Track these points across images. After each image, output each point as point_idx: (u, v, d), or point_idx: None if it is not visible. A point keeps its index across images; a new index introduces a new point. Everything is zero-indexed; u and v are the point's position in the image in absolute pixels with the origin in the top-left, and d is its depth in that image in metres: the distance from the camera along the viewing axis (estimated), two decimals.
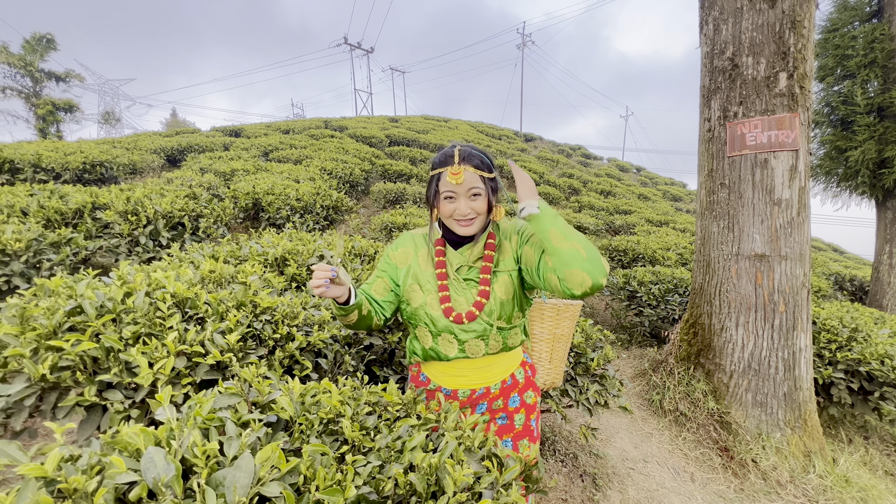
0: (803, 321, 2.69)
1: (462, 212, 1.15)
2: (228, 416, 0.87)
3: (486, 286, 1.18)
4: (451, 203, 1.16)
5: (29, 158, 5.03)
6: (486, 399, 1.28)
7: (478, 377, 1.26)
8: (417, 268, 1.26)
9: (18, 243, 2.34)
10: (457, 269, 1.23)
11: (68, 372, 1.12)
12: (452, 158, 1.14)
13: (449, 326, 1.20)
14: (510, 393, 1.29)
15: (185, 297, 1.43)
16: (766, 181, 2.64)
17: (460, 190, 1.14)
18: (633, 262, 5.76)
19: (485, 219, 1.20)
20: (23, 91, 20.40)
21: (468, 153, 1.15)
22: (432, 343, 1.23)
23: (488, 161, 1.18)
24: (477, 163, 1.15)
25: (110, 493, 0.69)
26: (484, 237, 1.23)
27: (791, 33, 2.56)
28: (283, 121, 17.97)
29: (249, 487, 0.70)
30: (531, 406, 1.33)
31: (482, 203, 1.16)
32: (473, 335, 1.20)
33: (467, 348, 1.21)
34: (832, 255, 13.66)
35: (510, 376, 1.29)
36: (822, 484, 2.43)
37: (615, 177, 17.22)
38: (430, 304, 1.21)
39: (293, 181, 5.69)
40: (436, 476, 0.86)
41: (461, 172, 1.11)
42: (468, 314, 1.18)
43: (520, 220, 1.19)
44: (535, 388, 1.36)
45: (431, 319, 1.21)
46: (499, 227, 1.27)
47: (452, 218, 1.18)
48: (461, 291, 1.21)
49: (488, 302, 1.18)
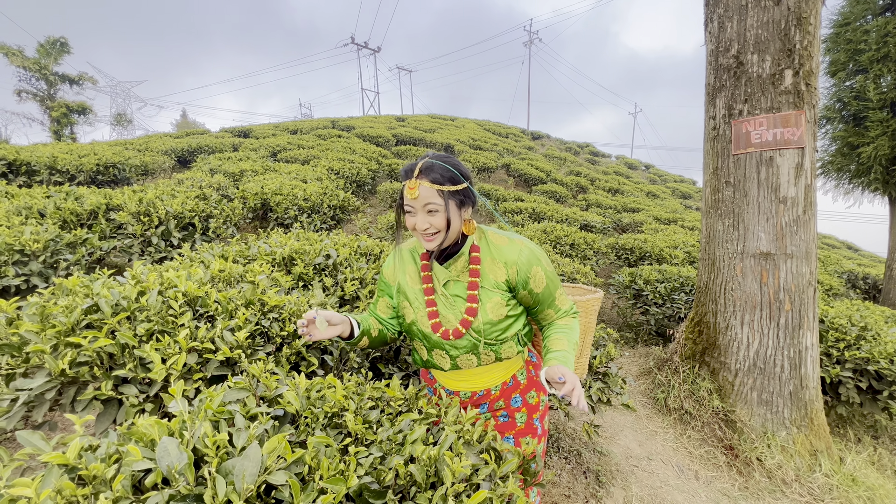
0: (809, 320, 2.67)
1: (420, 226, 1.12)
2: (237, 410, 0.91)
3: (474, 303, 1.16)
4: (410, 217, 1.14)
5: (45, 161, 5.16)
6: (487, 400, 1.31)
7: (477, 381, 1.29)
8: (405, 284, 1.26)
9: (37, 244, 2.42)
10: (444, 284, 1.21)
11: (86, 367, 1.17)
12: (412, 172, 1.11)
13: (439, 342, 1.21)
14: (511, 394, 1.32)
15: (196, 295, 1.48)
16: (771, 179, 2.62)
17: (416, 205, 1.11)
18: (639, 261, 5.74)
19: (455, 233, 1.16)
20: (38, 94, 20.85)
21: (429, 166, 1.10)
22: (427, 356, 1.28)
23: (453, 174, 1.12)
24: (436, 177, 1.09)
25: (127, 480, 0.73)
26: (467, 250, 1.19)
27: (797, 30, 2.54)
28: (290, 121, 18.13)
29: (257, 476, 0.74)
30: (533, 406, 1.34)
31: (439, 219, 1.10)
32: (463, 351, 1.21)
33: (459, 362, 1.23)
34: (846, 252, 13.42)
35: (511, 377, 1.31)
36: (828, 483, 2.42)
37: (623, 174, 17.10)
38: (419, 321, 1.22)
39: (301, 181, 5.76)
40: (435, 467, 0.89)
41: (416, 188, 1.08)
42: (454, 332, 1.17)
43: (522, 255, 1.18)
44: (540, 388, 1.37)
45: (423, 335, 1.23)
46: (486, 240, 1.22)
47: (415, 231, 1.15)
48: (449, 307, 1.20)
49: (475, 319, 1.17)
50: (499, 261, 1.18)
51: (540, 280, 1.18)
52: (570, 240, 5.30)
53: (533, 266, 1.17)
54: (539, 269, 1.18)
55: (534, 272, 1.17)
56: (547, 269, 1.20)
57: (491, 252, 1.19)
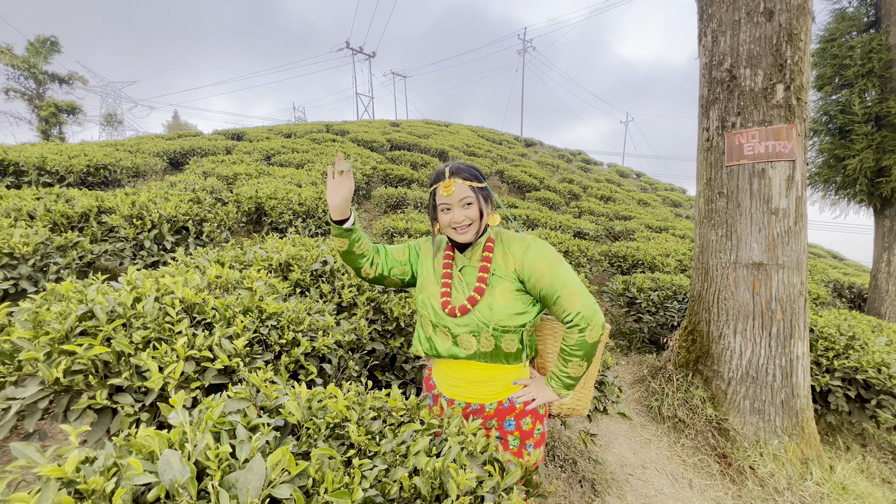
0: (800, 329, 2.71)
1: (457, 220, 1.27)
2: (238, 420, 0.90)
3: (483, 284, 1.28)
4: (446, 214, 1.29)
5: (33, 161, 5.07)
6: (481, 416, 1.32)
7: (473, 390, 1.31)
8: (430, 264, 1.40)
9: (26, 247, 2.37)
10: (460, 269, 1.35)
11: (81, 375, 1.15)
12: (444, 174, 1.27)
13: (445, 320, 1.30)
14: (505, 416, 1.32)
15: (193, 302, 1.46)
16: (763, 190, 2.67)
17: (453, 200, 1.26)
18: (632, 269, 5.79)
19: (479, 225, 1.30)
20: (26, 93, 20.51)
21: (457, 167, 1.28)
22: (431, 333, 1.34)
23: (477, 173, 1.30)
24: (466, 175, 1.27)
25: (128, 494, 0.71)
26: (483, 241, 1.33)
27: (788, 46, 2.60)
28: (284, 124, 18.06)
29: (261, 489, 0.73)
30: (527, 432, 1.33)
31: (474, 210, 1.27)
32: (466, 329, 1.27)
33: (459, 342, 1.29)
34: (832, 261, 13.68)
35: (507, 400, 1.32)
36: (819, 491, 2.45)
37: (615, 182, 17.28)
38: (434, 296, 1.34)
39: (295, 185, 5.73)
40: (439, 480, 0.89)
41: (451, 185, 1.25)
42: (461, 308, 1.27)
43: (529, 250, 1.28)
44: (538, 417, 1.35)
45: (433, 309, 1.33)
46: (501, 236, 1.35)
47: (450, 227, 1.29)
48: (461, 289, 1.32)
49: (482, 298, 1.27)
50: (509, 253, 1.30)
51: (543, 273, 1.24)
52: (563, 247, 5.33)
53: (537, 260, 1.25)
54: (543, 263, 1.25)
55: (537, 265, 1.25)
56: (552, 265, 1.24)
57: (503, 246, 1.32)
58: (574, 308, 1.21)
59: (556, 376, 1.30)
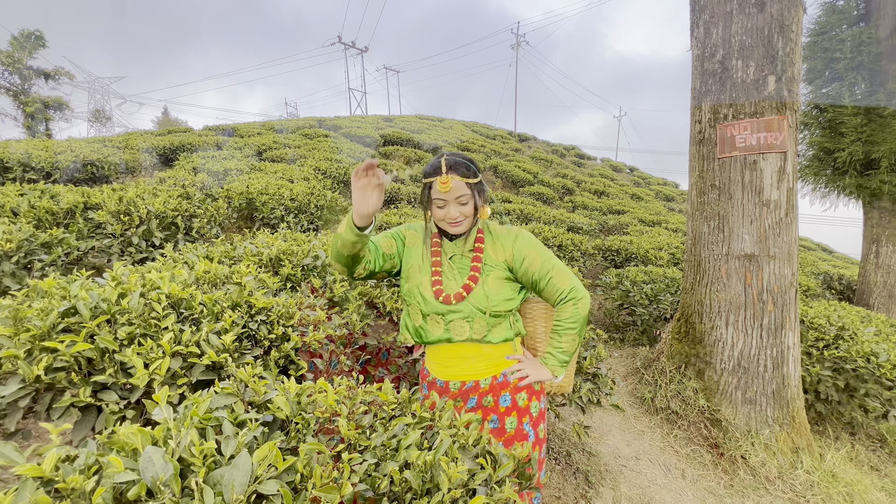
0: (791, 320, 2.73)
1: (452, 216, 1.29)
2: (225, 416, 0.88)
3: (477, 272, 1.31)
4: (441, 209, 1.30)
5: (18, 157, 4.97)
6: (476, 393, 1.33)
7: (466, 367, 1.33)
8: (419, 251, 1.40)
9: (9, 244, 2.32)
10: (450, 258, 1.36)
11: (63, 373, 1.12)
12: (440, 169, 1.26)
13: (437, 307, 1.31)
14: (500, 391, 1.33)
15: (180, 297, 1.43)
16: (755, 182, 2.68)
17: (449, 197, 1.27)
18: (625, 262, 5.81)
19: (472, 218, 1.33)
20: (11, 88, 20.07)
21: (454, 163, 1.26)
22: (421, 321, 1.35)
23: (473, 168, 1.30)
24: (463, 171, 1.26)
25: (108, 493, 0.69)
26: (474, 232, 1.36)
27: (779, 37, 2.60)
28: (276, 120, 17.88)
29: (247, 486, 0.71)
30: (523, 409, 1.34)
31: (469, 207, 1.30)
32: (459, 316, 1.30)
33: (452, 328, 1.31)
34: (821, 254, 13.86)
35: (501, 374, 1.34)
36: (809, 479, 2.48)
37: (608, 177, 17.33)
38: (423, 285, 1.33)
39: (287, 181, 5.68)
40: (431, 473, 0.87)
41: (449, 182, 1.24)
42: (456, 295, 1.29)
43: (518, 240, 1.34)
44: (533, 392, 1.37)
45: (423, 298, 1.33)
46: (489, 228, 1.39)
47: (444, 221, 1.31)
48: (452, 277, 1.33)
49: (476, 286, 1.30)
50: (498, 244, 1.35)
51: (534, 259, 1.32)
52: (557, 241, 5.34)
53: (526, 248, 1.32)
54: (532, 250, 1.32)
55: (528, 252, 1.32)
56: (540, 251, 1.33)
57: (492, 237, 1.37)
58: (566, 285, 1.31)
59: (551, 354, 1.35)
